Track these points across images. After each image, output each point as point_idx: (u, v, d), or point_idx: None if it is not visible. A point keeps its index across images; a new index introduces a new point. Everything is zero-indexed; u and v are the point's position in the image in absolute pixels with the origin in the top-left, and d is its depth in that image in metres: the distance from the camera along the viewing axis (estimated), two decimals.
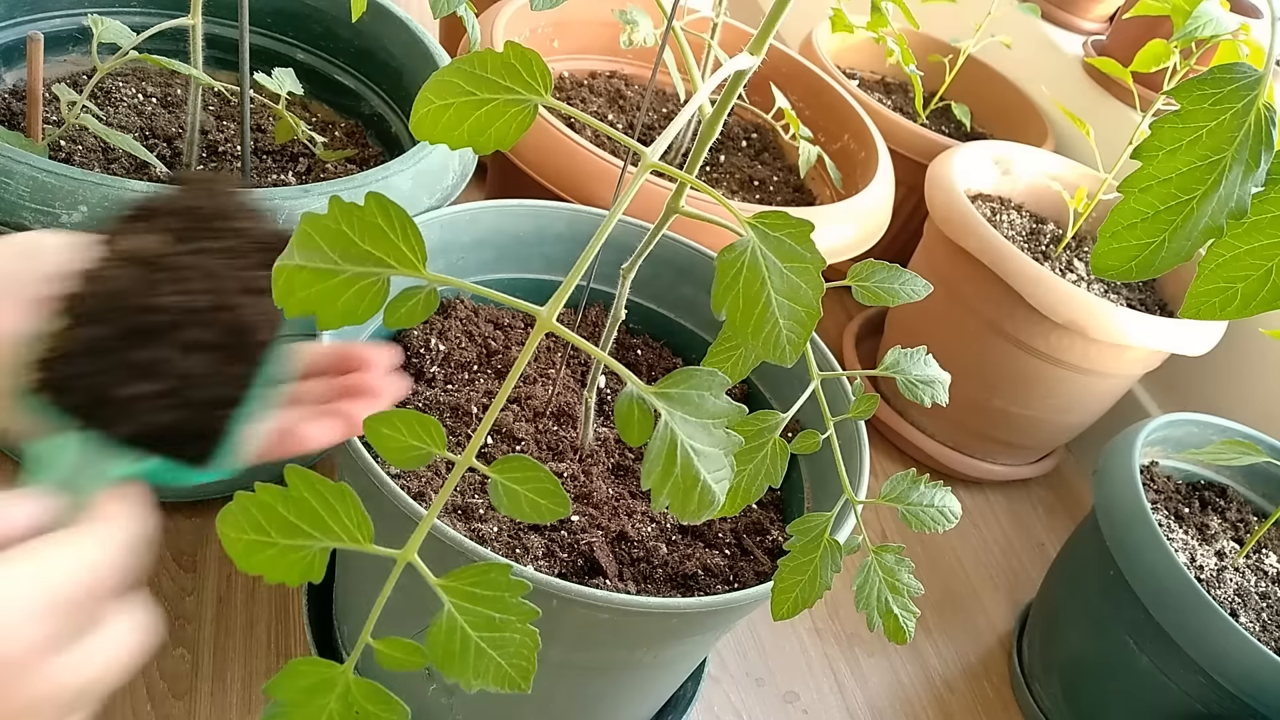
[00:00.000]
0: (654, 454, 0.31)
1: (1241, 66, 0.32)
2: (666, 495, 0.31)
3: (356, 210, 0.30)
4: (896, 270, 0.56)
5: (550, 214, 0.79)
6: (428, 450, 0.33)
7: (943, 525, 0.52)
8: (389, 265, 0.30)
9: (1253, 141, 0.32)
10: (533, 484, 0.33)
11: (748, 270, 0.31)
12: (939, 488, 0.53)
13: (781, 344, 0.32)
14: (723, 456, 0.32)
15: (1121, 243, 0.34)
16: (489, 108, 0.32)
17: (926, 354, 0.57)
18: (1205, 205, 0.32)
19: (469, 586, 0.31)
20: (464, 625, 0.31)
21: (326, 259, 0.30)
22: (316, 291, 0.30)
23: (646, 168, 0.33)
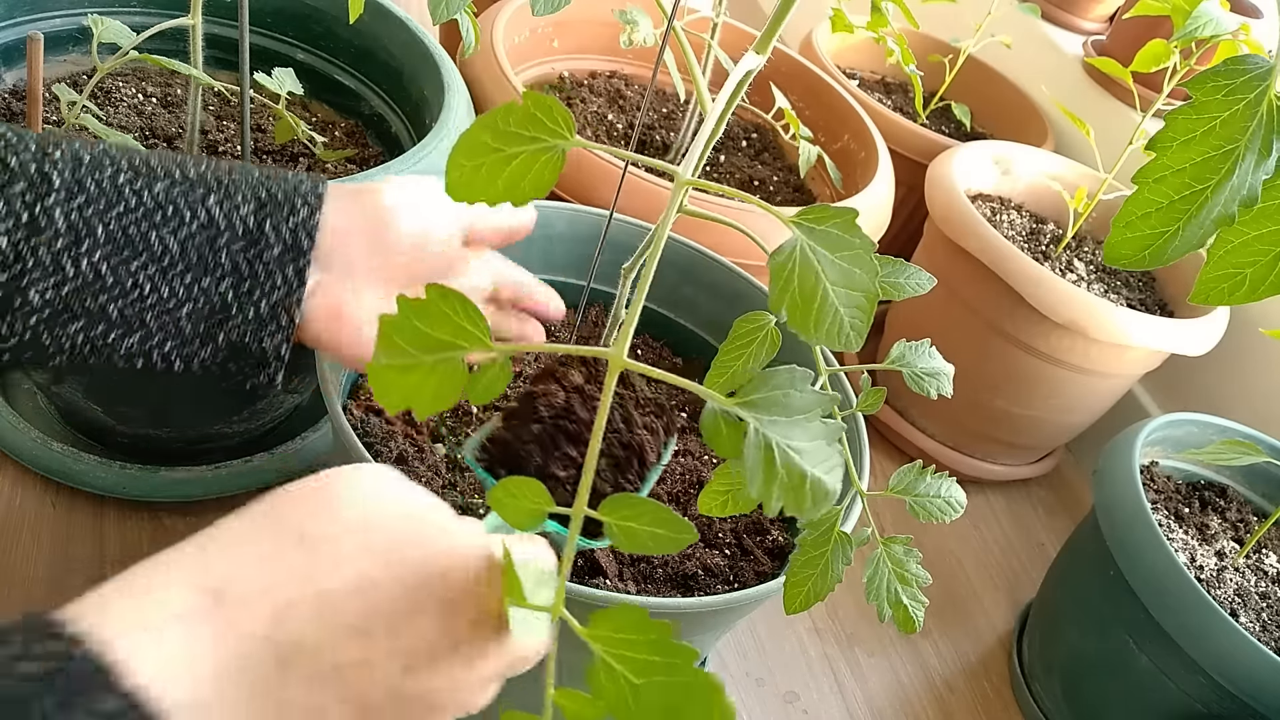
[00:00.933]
0: (752, 463, 0.32)
1: (1254, 58, 0.32)
2: (777, 498, 0.32)
3: (420, 304, 0.32)
4: (900, 264, 0.56)
5: (550, 214, 0.79)
6: (542, 510, 0.35)
7: (949, 515, 0.52)
8: (460, 346, 0.33)
9: (1265, 131, 0.32)
10: (647, 519, 0.33)
11: (800, 268, 0.32)
12: (944, 478, 0.54)
13: (845, 332, 0.32)
14: (825, 446, 0.32)
15: (1135, 232, 0.34)
16: (519, 161, 0.33)
17: (930, 346, 0.57)
18: (1218, 194, 0.33)
19: (614, 632, 0.32)
20: (626, 675, 0.31)
21: (407, 355, 0.32)
22: (406, 385, 0.32)
23: (681, 185, 0.34)
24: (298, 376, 0.84)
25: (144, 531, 0.84)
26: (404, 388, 0.32)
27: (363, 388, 0.69)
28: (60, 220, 0.44)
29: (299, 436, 0.91)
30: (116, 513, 0.84)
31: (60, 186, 0.44)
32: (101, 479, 0.83)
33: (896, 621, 0.51)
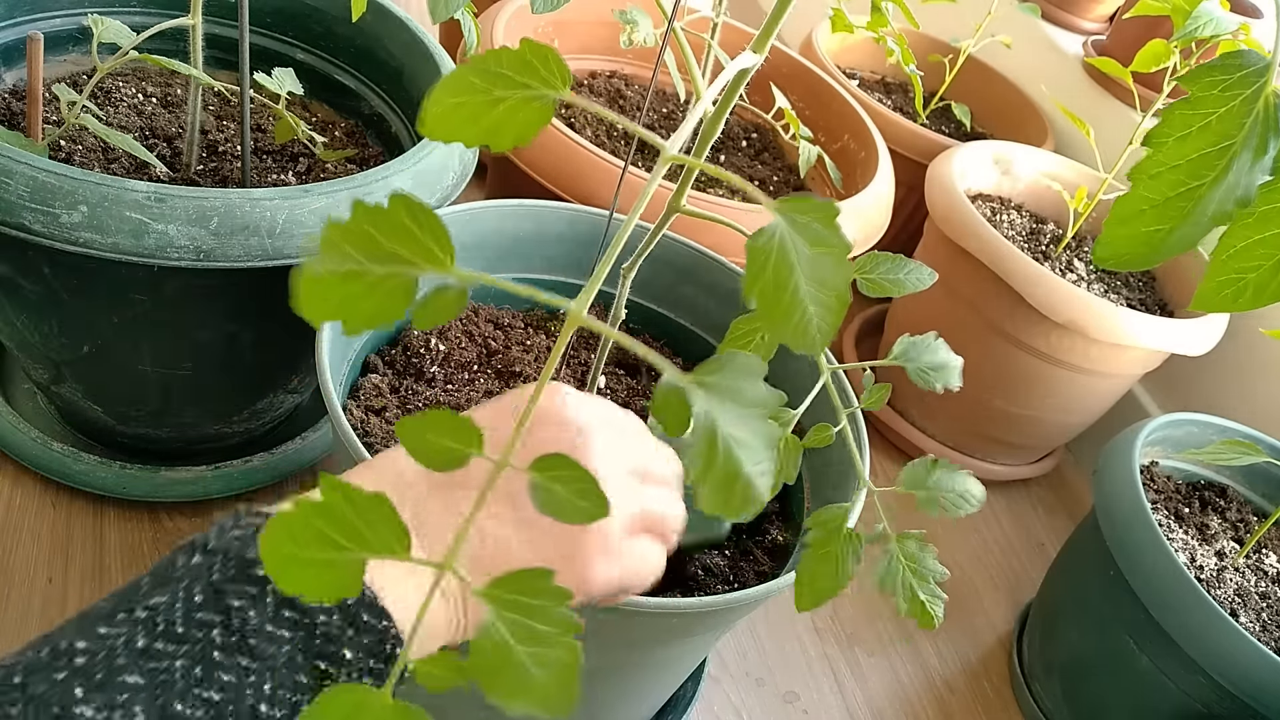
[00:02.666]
0: (696, 445, 0.30)
1: (1250, 53, 0.32)
2: (707, 490, 0.30)
3: (381, 211, 0.29)
4: (901, 260, 0.56)
5: (550, 214, 0.79)
6: (465, 451, 0.32)
7: (964, 509, 0.51)
8: (416, 264, 0.30)
9: (1261, 128, 0.32)
10: (574, 484, 0.32)
11: (777, 256, 0.30)
12: (957, 471, 0.52)
13: (811, 332, 0.31)
14: (765, 448, 0.31)
15: (1130, 229, 0.34)
16: (506, 104, 0.31)
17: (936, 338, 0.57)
18: (1214, 192, 0.32)
19: (512, 594, 0.31)
20: (508, 637, 0.30)
21: (352, 262, 0.29)
22: (344, 295, 0.29)
23: (665, 160, 0.32)
24: (298, 376, 0.84)
25: (144, 531, 0.84)
26: (339, 298, 0.29)
27: (362, 388, 0.69)
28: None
29: (299, 436, 0.91)
30: (116, 513, 0.84)
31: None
32: (101, 479, 0.83)
33: (915, 615, 0.51)
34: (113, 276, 0.66)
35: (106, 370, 0.75)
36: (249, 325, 0.74)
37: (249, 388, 0.82)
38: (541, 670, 0.30)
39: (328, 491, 0.30)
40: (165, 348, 0.73)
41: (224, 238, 0.63)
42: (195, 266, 0.63)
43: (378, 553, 0.30)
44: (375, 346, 0.74)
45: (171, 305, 0.69)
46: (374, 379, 0.70)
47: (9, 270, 0.67)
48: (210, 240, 0.63)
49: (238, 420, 0.84)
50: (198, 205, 0.63)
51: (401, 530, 0.31)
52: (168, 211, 0.62)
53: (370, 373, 0.71)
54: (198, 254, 0.63)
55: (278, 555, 0.29)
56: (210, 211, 0.63)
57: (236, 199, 0.64)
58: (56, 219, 0.60)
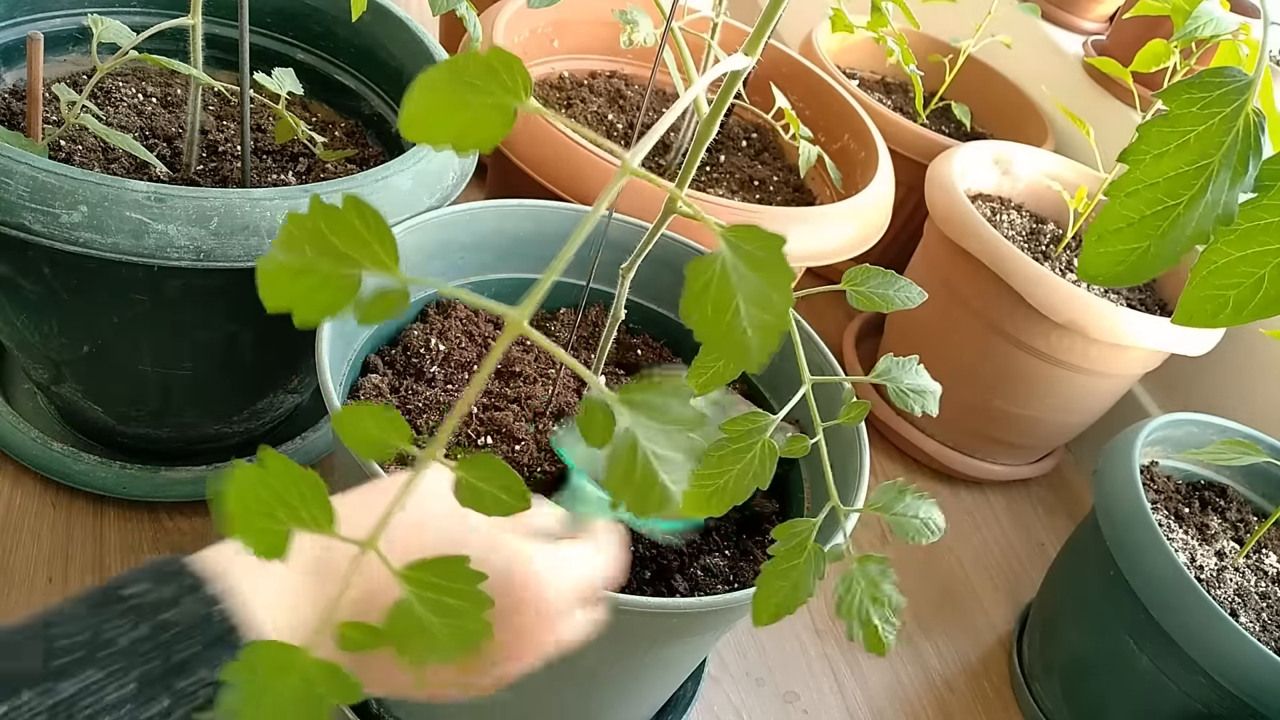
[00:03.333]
0: (613, 457, 0.33)
1: (1231, 70, 0.32)
2: (625, 496, 0.33)
3: (335, 211, 0.31)
4: (891, 276, 0.56)
5: (550, 214, 0.79)
6: (391, 443, 0.35)
7: (925, 537, 0.52)
8: (361, 264, 0.32)
9: (1241, 147, 0.32)
10: (497, 481, 0.34)
11: (718, 280, 0.32)
12: (924, 499, 0.53)
13: (749, 351, 0.33)
14: (684, 461, 0.34)
15: (1108, 247, 0.34)
16: (470, 110, 0.33)
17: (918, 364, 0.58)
18: (1192, 211, 0.32)
19: (430, 576, 0.33)
20: (422, 612, 0.33)
21: (305, 257, 0.31)
22: (295, 288, 0.31)
23: (625, 173, 0.34)
24: (298, 376, 0.84)
25: (144, 531, 0.84)
26: (293, 290, 0.31)
27: (362, 388, 0.69)
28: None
29: (299, 436, 0.91)
30: (116, 513, 0.84)
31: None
32: (101, 479, 0.83)
33: (865, 642, 0.51)
34: (113, 276, 0.66)
35: (106, 370, 0.75)
36: (249, 325, 0.74)
37: (249, 388, 0.82)
38: (451, 636, 0.33)
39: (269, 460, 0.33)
40: (165, 348, 0.73)
41: (224, 238, 0.63)
42: (195, 266, 0.63)
43: (305, 525, 0.33)
44: (375, 346, 0.74)
45: (171, 305, 0.69)
46: (374, 379, 0.70)
47: (9, 270, 0.67)
48: (210, 240, 0.63)
49: (238, 420, 0.84)
50: (198, 205, 0.63)
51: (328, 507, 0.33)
52: (168, 211, 0.62)
53: (370, 373, 0.71)
54: (198, 254, 0.63)
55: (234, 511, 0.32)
56: (210, 211, 0.63)
57: (236, 199, 0.64)
58: (56, 219, 0.60)
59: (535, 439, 0.69)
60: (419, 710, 0.71)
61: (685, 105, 0.36)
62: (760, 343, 0.32)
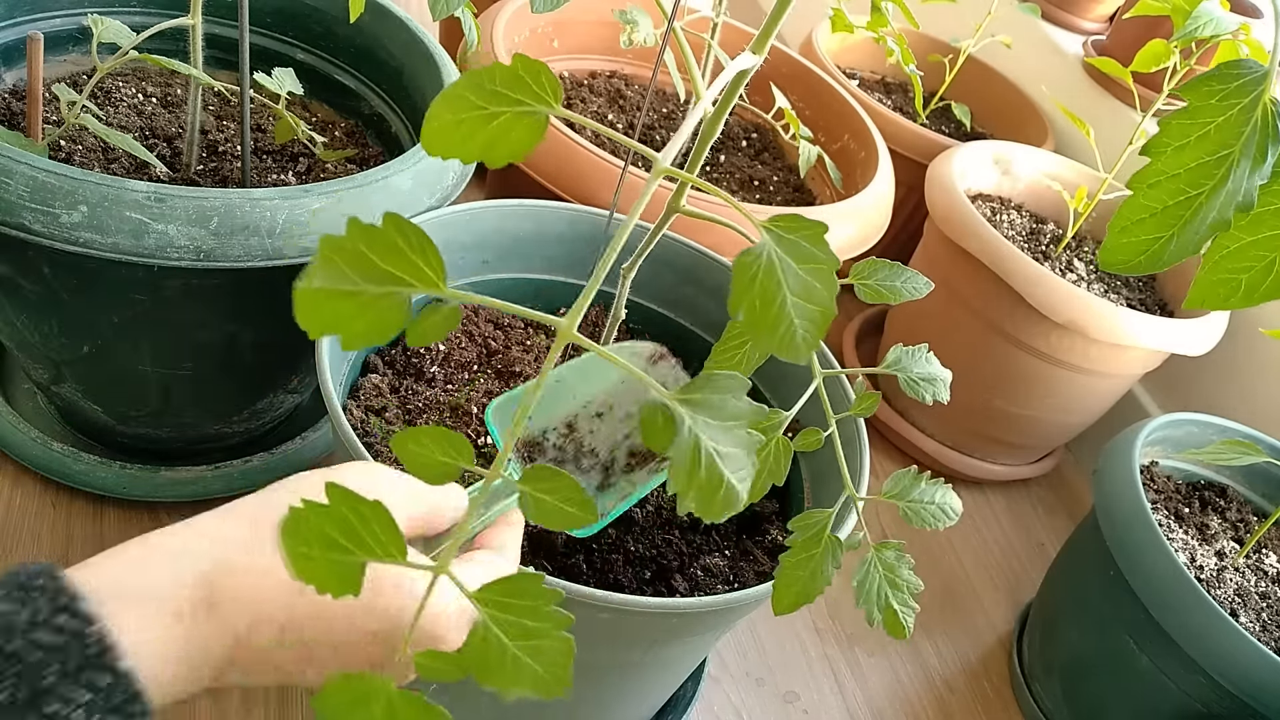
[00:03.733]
0: (679, 458, 0.32)
1: (1248, 62, 0.32)
2: (692, 498, 0.32)
3: (375, 231, 0.30)
4: (898, 268, 0.56)
5: (550, 214, 0.79)
6: (455, 465, 0.34)
7: (942, 522, 0.52)
8: (409, 284, 0.31)
9: (1259, 136, 0.32)
10: (561, 494, 0.34)
11: (764, 273, 0.32)
12: (939, 485, 0.54)
13: (796, 343, 0.32)
14: (745, 456, 0.33)
15: (1131, 237, 0.34)
16: (500, 121, 0.32)
17: (928, 352, 0.58)
18: (1213, 199, 0.33)
19: (502, 597, 0.32)
20: (499, 635, 0.32)
21: (348, 280, 0.30)
22: (340, 312, 0.30)
23: (659, 173, 0.34)
24: (298, 376, 0.84)
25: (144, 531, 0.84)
26: (335, 314, 0.30)
27: (362, 388, 0.69)
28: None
29: (299, 436, 0.91)
30: (116, 513, 0.84)
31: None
32: (101, 479, 0.83)
33: (886, 626, 0.51)
34: (113, 276, 0.66)
35: (106, 370, 0.75)
36: (249, 325, 0.74)
37: (249, 388, 0.82)
38: (537, 660, 0.32)
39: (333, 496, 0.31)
40: (165, 348, 0.73)
41: (224, 238, 0.63)
42: (195, 266, 0.63)
43: (376, 556, 0.31)
44: (375, 346, 0.74)
45: (171, 305, 0.69)
46: (374, 379, 0.70)
47: (9, 270, 0.67)
48: (210, 240, 0.63)
49: (238, 420, 0.84)
50: (198, 205, 0.63)
51: (398, 535, 0.32)
52: (168, 211, 0.62)
53: (370, 373, 0.71)
54: (198, 254, 0.63)
55: (294, 552, 0.31)
56: (210, 211, 0.63)
57: (236, 199, 0.64)
58: (56, 219, 0.60)
59: None
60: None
61: (705, 106, 0.37)
62: (809, 333, 0.32)
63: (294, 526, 0.30)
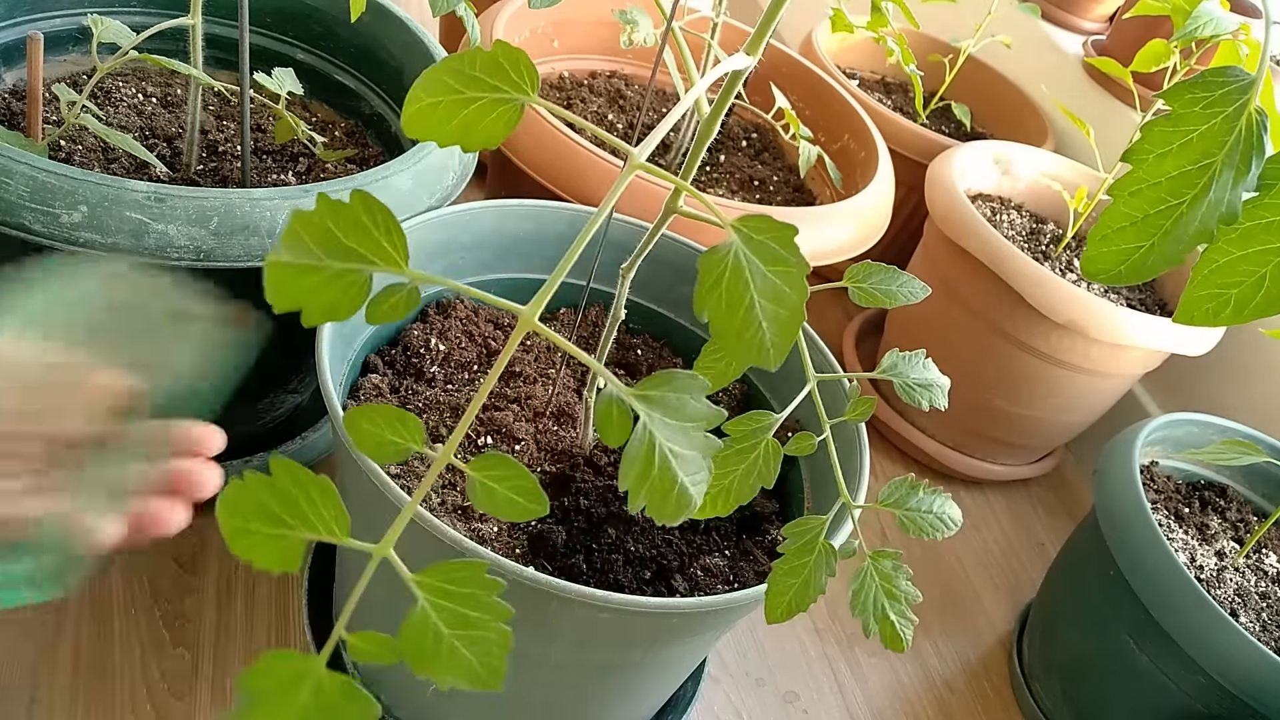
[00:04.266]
0: (631, 455, 0.32)
1: (1234, 70, 0.32)
2: (644, 496, 0.32)
3: (342, 208, 0.30)
4: (894, 272, 0.56)
5: (550, 214, 0.79)
6: (405, 445, 0.34)
7: (941, 532, 0.52)
8: (371, 262, 0.31)
9: (1244, 146, 0.32)
10: (511, 482, 0.33)
11: (730, 273, 0.31)
12: (938, 494, 0.53)
13: (765, 348, 0.31)
14: (701, 459, 0.32)
15: (1111, 246, 0.34)
16: (477, 106, 0.32)
17: (925, 357, 0.57)
18: (1195, 209, 0.32)
19: (443, 583, 0.32)
20: (437, 622, 0.31)
21: (312, 255, 0.30)
22: (302, 287, 0.30)
23: (633, 169, 0.33)
24: (298, 376, 0.84)
25: None
26: (300, 290, 0.30)
27: (362, 388, 0.69)
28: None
29: (299, 436, 0.91)
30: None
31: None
32: None
33: (883, 638, 0.51)
34: None
35: None
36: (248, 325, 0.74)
37: (249, 388, 0.82)
38: (472, 651, 0.32)
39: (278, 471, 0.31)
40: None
41: (224, 238, 0.63)
42: (195, 266, 0.63)
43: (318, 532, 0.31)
44: (375, 346, 0.74)
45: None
46: (374, 379, 0.70)
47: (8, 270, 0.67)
48: (210, 240, 0.63)
49: (237, 420, 0.84)
50: (198, 205, 0.63)
51: (342, 512, 0.32)
52: (168, 211, 0.62)
53: (370, 373, 0.71)
54: (198, 254, 0.63)
55: (230, 527, 0.31)
56: (210, 211, 0.63)
57: (236, 199, 0.64)
58: (56, 219, 0.60)
59: (535, 439, 0.69)
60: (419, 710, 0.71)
61: (688, 105, 0.36)
62: (777, 338, 0.31)
63: (233, 500, 0.31)
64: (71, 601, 0.78)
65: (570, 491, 0.66)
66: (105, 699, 0.73)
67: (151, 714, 0.73)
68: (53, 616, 0.77)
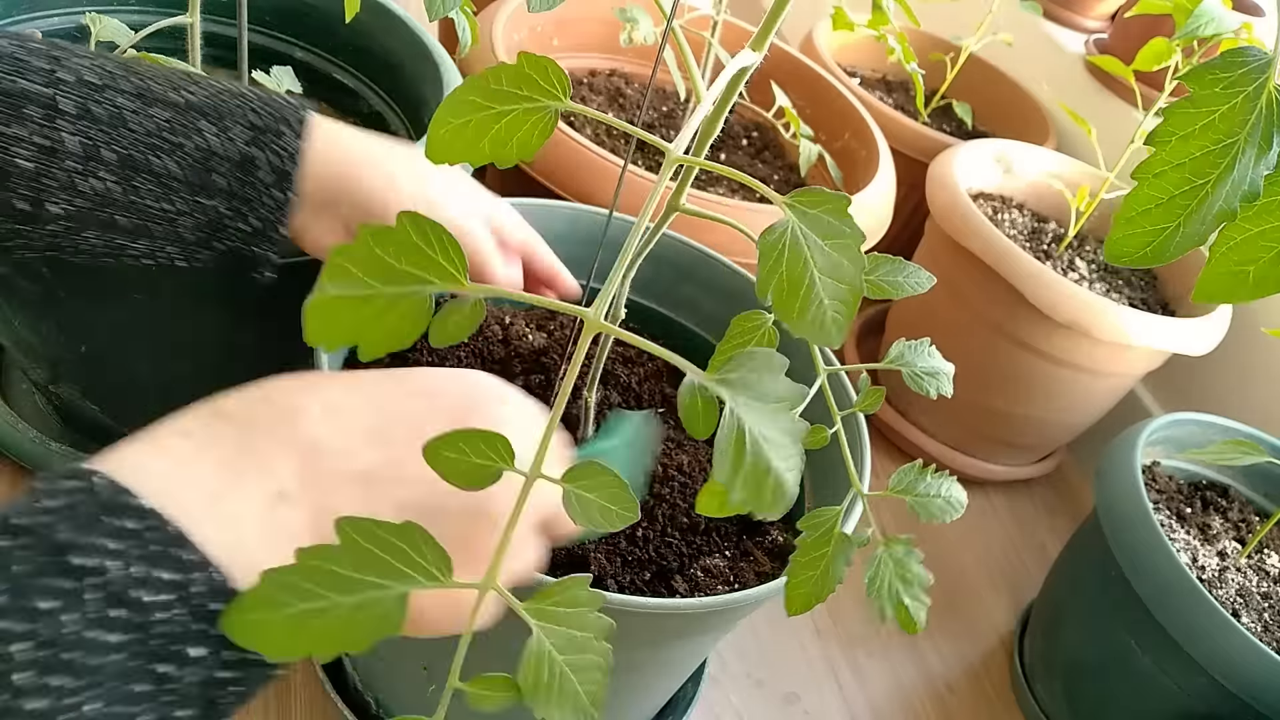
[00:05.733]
0: (723, 446, 0.29)
1: (1252, 50, 0.32)
2: (739, 488, 0.29)
3: (389, 232, 0.28)
4: (900, 263, 0.56)
5: (551, 213, 0.79)
6: (495, 466, 0.31)
7: (949, 514, 0.52)
8: (429, 281, 0.29)
9: (1264, 124, 0.32)
10: (605, 491, 0.32)
11: (790, 251, 0.30)
12: (945, 477, 0.54)
13: (827, 325, 0.30)
14: (791, 444, 0.30)
15: (1136, 229, 0.34)
16: (509, 119, 0.31)
17: (931, 345, 0.57)
18: (1219, 189, 0.32)
19: (553, 606, 0.31)
20: (551, 650, 0.30)
21: (363, 285, 0.28)
22: (357, 319, 0.28)
23: (671, 163, 0.33)
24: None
25: None
26: (352, 322, 0.28)
27: None
28: (71, 143, 0.48)
29: None
30: None
31: (69, 111, 0.48)
32: None
33: (899, 621, 0.51)
34: (111, 276, 0.66)
35: (105, 370, 0.75)
36: (249, 325, 0.73)
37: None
38: (579, 676, 0.31)
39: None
40: (163, 347, 0.73)
41: None
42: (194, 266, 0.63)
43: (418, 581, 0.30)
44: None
45: (170, 305, 0.69)
46: None
47: (7, 269, 0.67)
48: None
49: None
50: None
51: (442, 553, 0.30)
52: None
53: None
54: None
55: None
56: None
57: None
58: None
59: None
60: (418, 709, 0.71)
61: (710, 102, 0.36)
62: (840, 313, 0.30)
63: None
64: None
65: None
66: None
67: None
68: None
